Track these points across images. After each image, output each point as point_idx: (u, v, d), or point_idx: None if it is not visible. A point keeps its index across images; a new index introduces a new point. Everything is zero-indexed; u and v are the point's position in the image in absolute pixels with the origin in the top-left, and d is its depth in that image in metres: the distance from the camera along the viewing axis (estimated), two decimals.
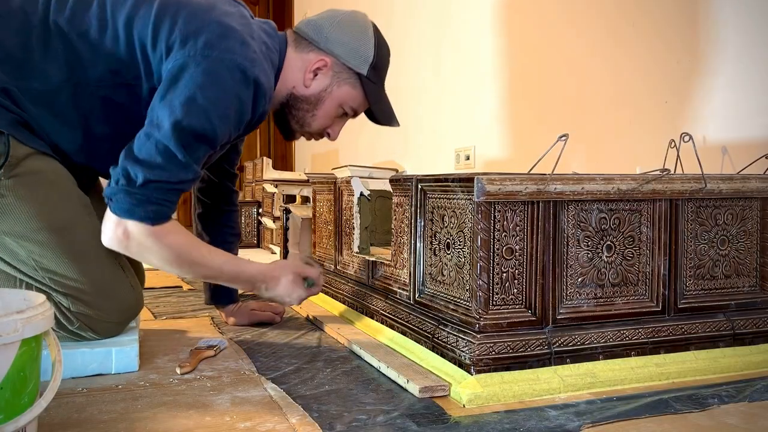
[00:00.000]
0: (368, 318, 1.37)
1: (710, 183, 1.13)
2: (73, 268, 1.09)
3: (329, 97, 1.28)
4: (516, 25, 2.11)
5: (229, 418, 0.88)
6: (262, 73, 1.11)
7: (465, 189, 1.02)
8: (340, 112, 1.31)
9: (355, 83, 1.27)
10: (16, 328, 0.68)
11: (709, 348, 1.12)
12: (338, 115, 1.32)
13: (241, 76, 1.08)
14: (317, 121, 1.30)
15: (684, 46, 1.50)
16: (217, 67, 1.06)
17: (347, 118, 1.35)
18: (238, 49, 1.08)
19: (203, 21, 1.09)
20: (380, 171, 1.65)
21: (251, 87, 1.10)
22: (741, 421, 0.88)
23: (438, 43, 2.59)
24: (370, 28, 1.28)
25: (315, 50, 1.25)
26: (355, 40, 1.25)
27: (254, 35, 1.15)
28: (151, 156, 1.04)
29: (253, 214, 3.15)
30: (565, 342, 1.03)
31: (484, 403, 0.94)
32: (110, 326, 1.14)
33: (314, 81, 1.26)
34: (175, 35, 1.08)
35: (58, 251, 1.08)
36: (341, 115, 1.32)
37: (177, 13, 1.10)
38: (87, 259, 1.11)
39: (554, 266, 1.04)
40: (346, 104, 1.30)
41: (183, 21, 1.08)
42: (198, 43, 1.06)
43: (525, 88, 2.06)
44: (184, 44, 1.07)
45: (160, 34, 1.09)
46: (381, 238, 1.56)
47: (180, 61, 1.06)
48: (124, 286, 1.16)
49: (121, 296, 1.15)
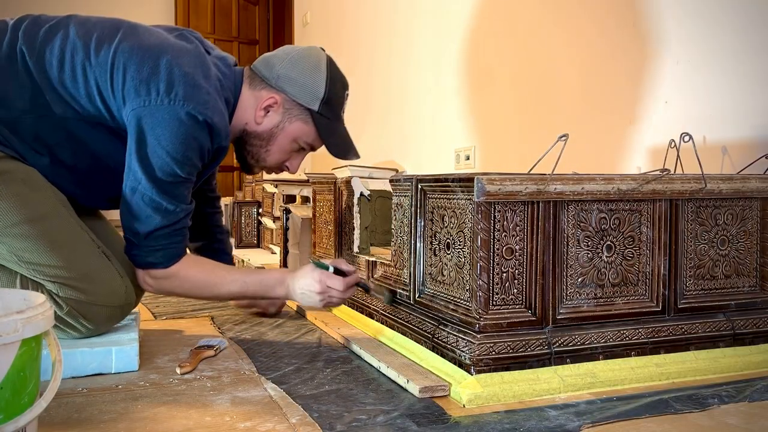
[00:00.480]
0: (368, 318, 1.37)
1: (710, 183, 1.13)
2: (54, 256, 1.11)
3: (281, 133, 1.32)
4: (516, 25, 2.11)
5: (229, 418, 0.88)
6: (216, 114, 1.16)
7: (465, 189, 1.02)
8: (295, 147, 1.35)
9: (307, 119, 1.31)
10: (16, 328, 0.68)
11: (709, 348, 1.12)
12: (294, 149, 1.36)
13: (194, 122, 1.13)
14: (271, 156, 1.35)
15: (684, 46, 1.50)
16: (170, 116, 1.12)
17: (305, 152, 1.39)
18: (189, 94, 1.13)
19: (153, 68, 1.13)
20: (380, 171, 1.65)
21: (205, 128, 1.15)
22: (741, 421, 0.88)
23: (439, 43, 2.59)
24: (322, 63, 1.31)
25: (267, 88, 1.30)
26: (305, 76, 1.29)
27: (209, 74, 1.20)
28: (142, 209, 1.15)
29: (253, 214, 3.15)
30: (565, 342, 1.03)
31: (484, 403, 0.94)
32: (101, 311, 1.14)
33: (265, 118, 1.31)
34: (128, 84, 1.13)
35: (38, 241, 1.10)
36: (298, 149, 1.36)
37: (129, 59, 1.14)
38: (67, 246, 1.13)
39: (554, 266, 1.04)
40: (300, 139, 1.33)
41: (135, 68, 1.13)
42: (150, 92, 1.12)
43: (525, 88, 2.06)
44: (138, 93, 1.13)
45: (116, 83, 1.14)
46: (381, 238, 1.56)
47: (136, 112, 1.13)
48: (110, 271, 1.17)
49: (106, 280, 1.16)
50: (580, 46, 1.82)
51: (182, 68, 1.14)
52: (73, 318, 1.11)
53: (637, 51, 1.63)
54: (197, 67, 1.17)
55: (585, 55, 1.80)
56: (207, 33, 5.33)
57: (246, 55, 5.51)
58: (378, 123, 3.18)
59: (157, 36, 1.20)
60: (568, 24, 1.87)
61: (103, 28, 1.19)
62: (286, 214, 1.99)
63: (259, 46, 5.62)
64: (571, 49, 1.86)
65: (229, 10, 5.49)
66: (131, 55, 1.14)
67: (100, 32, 1.17)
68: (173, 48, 1.17)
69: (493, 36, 2.23)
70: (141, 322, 1.36)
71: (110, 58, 1.15)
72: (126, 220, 1.17)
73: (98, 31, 1.18)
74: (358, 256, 1.49)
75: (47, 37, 1.17)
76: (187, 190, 1.19)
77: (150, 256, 1.18)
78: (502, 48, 2.18)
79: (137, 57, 1.14)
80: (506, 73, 2.16)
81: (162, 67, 1.13)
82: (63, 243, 1.13)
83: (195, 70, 1.16)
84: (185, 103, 1.12)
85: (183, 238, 1.21)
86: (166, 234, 1.17)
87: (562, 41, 1.90)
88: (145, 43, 1.16)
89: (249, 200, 3.27)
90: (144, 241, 1.16)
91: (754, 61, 1.35)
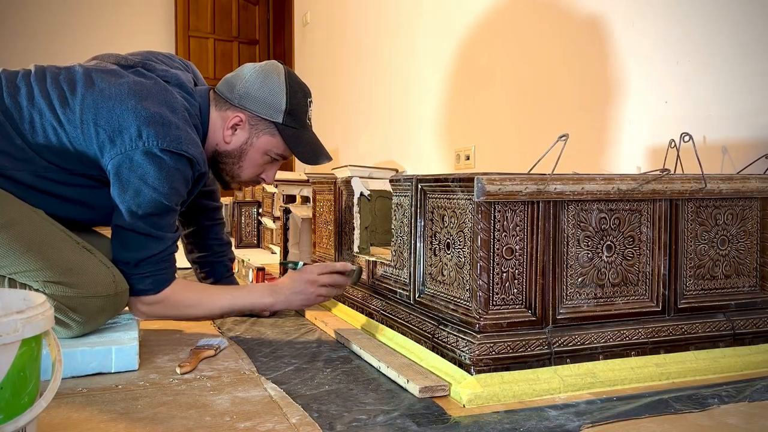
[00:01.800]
0: (368, 318, 1.37)
1: (710, 183, 1.13)
2: (31, 259, 1.12)
3: (251, 148, 1.38)
4: (516, 25, 2.11)
5: (229, 418, 0.88)
6: (190, 145, 1.22)
7: (465, 189, 1.02)
8: (267, 159, 1.41)
9: (274, 132, 1.37)
10: (16, 328, 0.68)
11: (709, 348, 1.12)
12: (266, 162, 1.42)
13: (170, 155, 1.19)
14: (245, 171, 1.41)
15: (684, 46, 1.50)
16: (147, 156, 1.18)
17: (278, 162, 1.45)
18: (160, 132, 1.18)
19: (121, 117, 1.18)
20: (380, 171, 1.65)
21: (183, 159, 1.21)
22: (741, 421, 0.88)
23: (439, 43, 2.59)
24: (281, 76, 1.37)
25: (231, 107, 1.36)
26: (265, 92, 1.35)
27: (175, 106, 1.25)
28: (131, 241, 1.21)
29: (253, 214, 3.15)
30: (565, 342, 1.03)
31: (484, 403, 0.94)
32: (90, 303, 1.13)
33: (233, 137, 1.37)
34: (102, 137, 1.19)
35: (11, 247, 1.11)
36: (270, 161, 1.42)
37: (97, 113, 1.19)
38: (43, 246, 1.14)
39: (554, 266, 1.04)
40: (270, 152, 1.39)
41: (104, 121, 1.19)
42: (124, 140, 1.18)
43: (525, 88, 2.06)
44: (113, 144, 1.19)
45: (88, 138, 1.19)
46: (381, 238, 1.56)
47: (114, 161, 1.19)
48: (92, 262, 1.18)
49: (91, 271, 1.16)
50: (580, 46, 1.82)
51: (148, 110, 1.19)
52: (61, 313, 1.11)
53: (636, 51, 1.63)
54: (162, 105, 1.22)
55: (584, 55, 1.80)
56: (207, 33, 5.32)
57: (246, 54, 5.51)
58: (378, 123, 3.18)
59: (116, 79, 1.24)
60: (567, 23, 1.87)
61: (61, 84, 1.22)
62: (286, 214, 1.99)
63: (259, 46, 5.62)
64: (571, 49, 1.86)
65: (229, 10, 5.49)
66: (98, 109, 1.19)
67: (60, 90, 1.21)
68: (135, 91, 1.22)
69: (493, 36, 2.23)
70: (141, 322, 1.36)
71: (78, 116, 1.20)
72: (116, 252, 1.22)
73: (57, 89, 1.22)
74: (358, 256, 1.49)
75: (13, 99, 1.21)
76: (173, 219, 1.25)
77: (140, 284, 1.22)
78: (503, 48, 2.18)
79: (104, 110, 1.19)
80: (506, 73, 2.16)
81: (129, 113, 1.18)
82: (39, 244, 1.14)
83: (160, 108, 1.21)
84: (159, 141, 1.18)
85: (170, 264, 1.26)
86: (154, 262, 1.22)
87: (562, 41, 1.90)
88: (106, 93, 1.20)
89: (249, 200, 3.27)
90: (133, 270, 1.21)
91: (754, 61, 1.35)
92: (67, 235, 1.19)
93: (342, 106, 3.66)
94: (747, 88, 1.37)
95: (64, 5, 4.98)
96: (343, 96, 3.66)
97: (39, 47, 4.85)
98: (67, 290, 1.12)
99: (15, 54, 4.74)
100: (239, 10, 5.53)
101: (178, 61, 1.44)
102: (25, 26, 4.86)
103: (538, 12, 2.01)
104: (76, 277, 1.14)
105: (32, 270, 1.11)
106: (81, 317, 1.12)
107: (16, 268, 1.11)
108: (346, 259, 1.57)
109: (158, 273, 1.23)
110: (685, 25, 1.50)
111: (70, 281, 1.13)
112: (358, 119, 3.44)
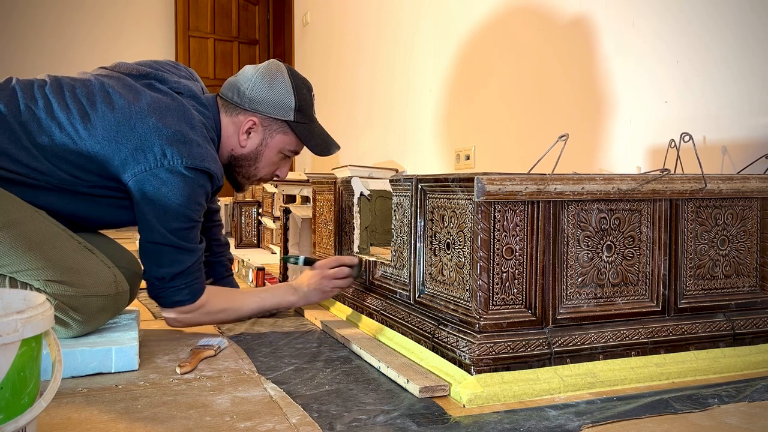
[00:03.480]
0: (368, 318, 1.37)
1: (710, 183, 1.13)
2: (32, 257, 1.12)
3: (266, 149, 1.42)
4: (516, 25, 2.11)
5: (229, 418, 0.88)
6: (211, 162, 1.25)
7: (465, 189, 1.02)
8: (281, 156, 1.46)
9: (286, 130, 1.41)
10: (16, 328, 0.68)
11: (709, 348, 1.12)
12: (281, 159, 1.46)
13: (195, 173, 1.23)
14: (261, 171, 1.45)
15: (684, 46, 1.50)
16: (172, 175, 1.21)
17: (291, 158, 1.49)
18: (183, 151, 1.21)
19: (144, 135, 1.21)
20: (380, 171, 1.65)
21: (205, 176, 1.25)
22: (741, 421, 0.88)
23: (439, 43, 2.59)
24: (285, 75, 1.40)
25: (242, 112, 1.39)
26: (273, 93, 1.38)
27: (193, 123, 1.27)
28: (165, 257, 1.24)
29: (253, 214, 3.15)
30: (565, 342, 1.03)
31: (484, 403, 0.94)
32: (91, 302, 1.14)
33: (249, 140, 1.41)
34: (124, 154, 1.21)
35: (13, 246, 1.11)
36: (284, 158, 1.47)
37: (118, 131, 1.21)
38: (44, 245, 1.15)
39: (554, 266, 1.04)
40: (285, 149, 1.44)
41: (126, 139, 1.21)
42: (148, 158, 1.20)
43: (525, 88, 2.06)
44: (136, 161, 1.21)
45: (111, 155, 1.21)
46: (381, 238, 1.56)
47: (138, 178, 1.21)
48: (94, 262, 1.18)
49: (92, 271, 1.16)
50: (580, 46, 1.82)
51: (170, 128, 1.22)
52: (62, 312, 1.11)
53: (637, 51, 1.63)
54: (181, 122, 1.25)
55: (584, 55, 1.80)
56: (207, 33, 5.32)
57: (246, 54, 5.51)
58: (378, 123, 3.18)
59: (135, 96, 1.25)
60: (567, 23, 1.87)
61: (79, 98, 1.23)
62: (286, 214, 1.99)
63: (259, 46, 5.62)
64: (570, 49, 1.86)
65: (229, 10, 5.49)
66: (119, 126, 1.21)
67: (79, 105, 1.22)
68: (154, 109, 1.23)
69: (493, 36, 2.23)
70: (141, 322, 1.36)
71: (99, 131, 1.21)
72: (149, 268, 1.25)
73: (76, 103, 1.22)
74: (358, 256, 1.49)
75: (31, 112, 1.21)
76: (198, 231, 1.29)
77: (177, 296, 1.26)
78: (503, 48, 2.18)
79: (125, 128, 1.21)
80: (506, 73, 2.16)
81: (151, 132, 1.21)
82: (40, 243, 1.14)
83: (180, 125, 1.24)
84: (183, 160, 1.21)
85: (202, 273, 1.30)
86: (188, 273, 1.26)
87: (562, 41, 1.90)
88: (126, 111, 1.22)
89: (249, 200, 3.27)
90: (169, 284, 1.25)
91: (754, 61, 1.35)
92: (68, 235, 1.19)
93: (342, 106, 3.66)
94: (747, 88, 1.37)
95: (65, 6, 4.98)
96: (343, 96, 3.66)
97: (41, 49, 4.85)
98: (68, 289, 1.12)
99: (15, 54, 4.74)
100: (239, 10, 5.53)
101: (184, 69, 1.46)
102: (26, 27, 4.86)
103: (538, 12, 2.01)
104: (78, 277, 1.14)
105: (33, 269, 1.12)
106: (81, 316, 1.12)
107: (17, 266, 1.11)
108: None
109: (193, 283, 1.27)
110: (685, 25, 1.50)
111: (71, 280, 1.13)
112: (358, 119, 3.44)
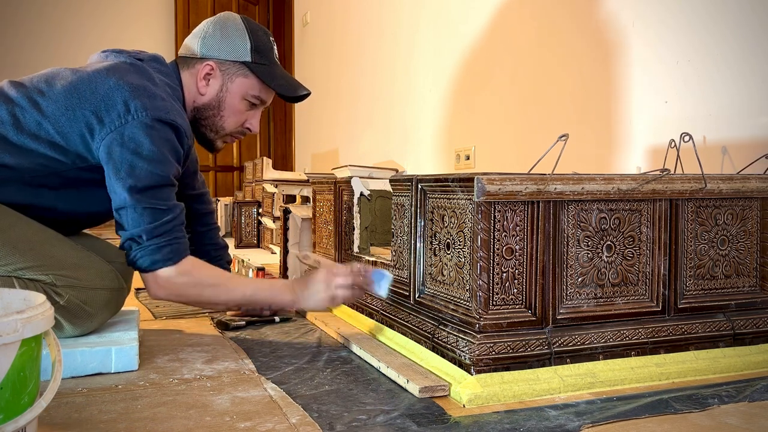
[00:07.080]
0: (368, 318, 1.37)
1: (710, 183, 1.13)
2: (36, 255, 1.13)
3: (228, 94, 1.36)
4: (515, 25, 2.11)
5: (229, 418, 0.88)
6: (177, 115, 1.22)
7: (465, 189, 1.02)
8: (246, 104, 1.38)
9: (246, 72, 1.35)
10: (16, 328, 0.68)
11: (709, 348, 1.12)
12: (246, 108, 1.39)
13: (161, 124, 1.18)
14: (227, 120, 1.38)
15: (684, 46, 1.50)
16: (138, 128, 1.16)
17: (260, 108, 1.41)
18: (147, 104, 1.17)
19: (106, 94, 1.17)
20: (380, 171, 1.65)
21: (172, 130, 1.20)
22: (741, 421, 0.88)
23: (439, 43, 2.59)
24: (237, 19, 1.37)
25: (197, 61, 1.35)
26: (227, 36, 1.34)
27: (155, 81, 1.25)
28: (137, 219, 1.16)
29: (253, 214, 3.15)
30: (565, 342, 1.03)
31: (484, 403, 0.94)
32: (98, 295, 1.15)
33: (208, 87, 1.36)
34: (89, 117, 1.17)
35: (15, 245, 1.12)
36: (250, 106, 1.39)
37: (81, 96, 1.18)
38: (44, 244, 1.15)
39: (554, 266, 1.04)
40: (248, 94, 1.37)
41: (89, 102, 1.17)
42: (112, 116, 1.16)
43: (525, 88, 2.06)
44: (101, 122, 1.17)
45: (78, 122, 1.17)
46: (381, 238, 1.56)
47: (106, 139, 1.17)
48: (94, 258, 1.19)
49: (94, 265, 1.18)
50: (580, 46, 1.82)
51: (131, 83, 1.19)
52: (74, 305, 1.12)
53: (637, 51, 1.63)
54: (143, 79, 1.22)
55: (584, 55, 1.80)
56: None
57: None
58: (378, 123, 3.18)
59: (93, 65, 1.24)
60: (567, 23, 1.87)
61: (36, 82, 1.22)
62: (286, 214, 1.99)
63: None
64: (571, 49, 1.86)
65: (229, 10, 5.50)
66: (80, 91, 1.18)
67: (36, 86, 1.21)
68: (114, 69, 1.22)
69: (493, 35, 2.23)
70: (141, 322, 1.36)
71: (62, 103, 1.18)
72: (123, 232, 1.17)
73: (33, 85, 1.21)
74: (358, 256, 1.49)
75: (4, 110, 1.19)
76: (172, 193, 1.21)
77: (157, 254, 1.16)
78: (503, 48, 2.18)
79: (87, 91, 1.18)
80: (506, 73, 2.16)
81: (113, 89, 1.18)
82: (41, 243, 1.15)
83: (142, 81, 1.21)
84: (147, 112, 1.17)
85: (184, 235, 1.20)
86: (167, 229, 1.17)
87: (561, 40, 1.90)
88: (85, 76, 1.20)
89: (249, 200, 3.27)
90: (148, 242, 1.15)
91: (754, 61, 1.35)
92: (63, 237, 1.20)
93: (342, 106, 3.66)
94: (747, 88, 1.37)
95: (65, 6, 4.98)
96: (343, 96, 3.66)
97: (41, 49, 4.85)
98: (75, 281, 1.14)
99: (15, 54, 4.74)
100: (239, 10, 5.52)
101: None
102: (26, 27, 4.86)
103: (537, 12, 2.01)
104: (83, 272, 1.15)
105: (40, 265, 1.12)
106: (92, 309, 1.14)
107: (22, 264, 1.12)
108: (348, 259, 1.57)
109: (174, 242, 1.17)
110: (685, 25, 1.50)
111: (77, 274, 1.14)
112: (358, 119, 3.44)
